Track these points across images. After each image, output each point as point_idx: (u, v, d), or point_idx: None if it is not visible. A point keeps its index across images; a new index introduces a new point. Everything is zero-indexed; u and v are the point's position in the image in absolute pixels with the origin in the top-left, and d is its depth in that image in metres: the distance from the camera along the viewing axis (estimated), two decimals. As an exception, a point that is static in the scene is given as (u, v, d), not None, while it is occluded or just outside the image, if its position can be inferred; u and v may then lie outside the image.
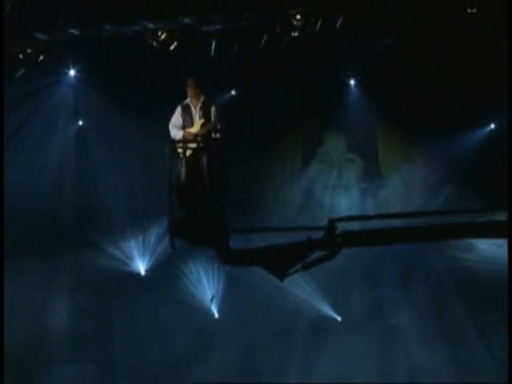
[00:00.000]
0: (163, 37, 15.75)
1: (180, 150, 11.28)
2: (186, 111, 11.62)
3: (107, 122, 17.79)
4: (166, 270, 18.00)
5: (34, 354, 16.97)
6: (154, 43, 15.82)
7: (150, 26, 14.31)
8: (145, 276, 18.20)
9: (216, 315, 17.86)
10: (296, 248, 10.05)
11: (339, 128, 17.44)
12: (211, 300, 16.85)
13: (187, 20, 13.89)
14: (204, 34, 14.29)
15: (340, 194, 17.83)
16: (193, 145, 11.29)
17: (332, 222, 9.88)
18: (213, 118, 11.51)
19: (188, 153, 11.22)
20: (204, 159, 11.20)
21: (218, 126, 11.29)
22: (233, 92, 17.37)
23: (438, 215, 11.24)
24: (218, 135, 11.32)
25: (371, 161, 17.61)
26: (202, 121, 11.48)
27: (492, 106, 16.61)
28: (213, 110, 11.61)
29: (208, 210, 10.91)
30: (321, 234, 10.20)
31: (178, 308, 17.85)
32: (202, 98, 11.64)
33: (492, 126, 17.34)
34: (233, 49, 14.58)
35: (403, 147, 17.39)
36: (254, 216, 16.85)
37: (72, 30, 14.27)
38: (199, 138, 11.27)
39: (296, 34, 15.14)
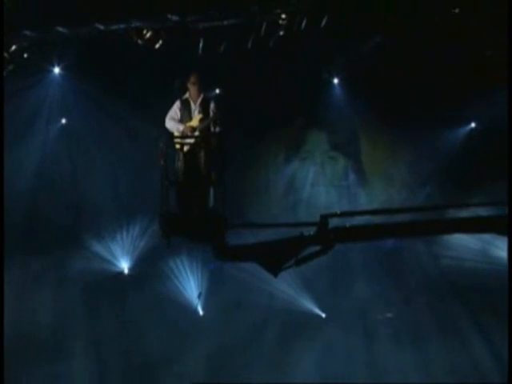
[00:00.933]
0: (148, 35, 15.72)
1: (178, 145, 11.34)
2: (185, 106, 11.71)
3: (91, 120, 17.76)
4: (149, 268, 18.02)
5: (18, 352, 16.88)
6: (140, 41, 15.78)
7: (137, 23, 14.19)
8: (128, 274, 18.15)
9: (201, 312, 17.88)
10: (289, 244, 10.15)
11: (323, 126, 17.54)
12: (198, 296, 16.89)
13: (175, 18, 13.83)
14: (191, 33, 14.25)
15: (322, 191, 17.94)
16: (191, 139, 11.33)
17: (324, 218, 9.97)
18: (211, 113, 11.59)
19: (186, 147, 11.25)
20: (202, 154, 11.23)
21: (218, 121, 11.35)
22: (217, 91, 17.39)
23: (428, 211, 11.35)
24: (217, 129, 11.34)
25: (354, 159, 17.73)
26: (201, 115, 11.57)
27: (473, 105, 16.84)
28: (212, 105, 11.72)
29: (205, 205, 10.91)
30: (313, 230, 10.27)
31: (162, 306, 17.83)
32: (202, 94, 11.71)
33: (472, 124, 17.53)
34: (220, 47, 14.56)
35: (386, 146, 17.52)
36: (237, 213, 16.90)
37: (59, 28, 14.11)
38: (197, 133, 11.34)
39: (282, 33, 15.14)
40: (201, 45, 14.54)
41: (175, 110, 11.77)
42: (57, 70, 16.89)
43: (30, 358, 17.07)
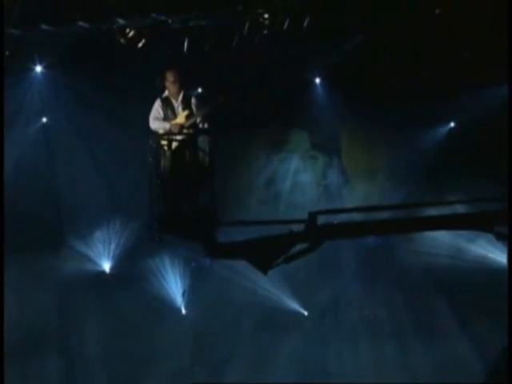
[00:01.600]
0: (131, 34, 15.73)
1: (165, 143, 11.26)
2: (167, 104, 11.68)
3: (73, 120, 17.71)
4: (130, 267, 18.01)
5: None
6: (122, 40, 15.78)
7: (122, 22, 14.21)
8: (109, 273, 18.14)
9: (183, 311, 17.92)
10: (279, 241, 10.22)
11: (304, 126, 17.63)
12: (182, 295, 16.93)
13: (160, 17, 13.87)
14: (176, 32, 14.30)
15: (301, 190, 18.06)
16: (180, 136, 11.29)
17: (313, 216, 10.07)
18: (194, 108, 11.56)
19: (174, 145, 11.21)
20: (190, 151, 11.21)
21: (206, 116, 11.37)
22: (199, 90, 17.42)
23: (414, 208, 11.50)
24: (205, 125, 11.32)
25: (335, 158, 17.86)
26: (187, 112, 11.51)
27: (452, 105, 17.05)
28: (193, 101, 11.71)
29: (195, 202, 10.96)
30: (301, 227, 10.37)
31: (144, 305, 17.84)
32: (182, 91, 11.67)
33: (452, 124, 17.75)
34: (205, 47, 14.61)
35: (366, 145, 17.68)
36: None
37: (43, 26, 14.09)
38: (185, 130, 11.31)
39: (265, 32, 15.23)
40: (186, 44, 14.50)
41: (157, 110, 11.73)
42: (39, 68, 16.78)
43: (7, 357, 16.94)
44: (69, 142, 18.05)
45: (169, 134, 11.34)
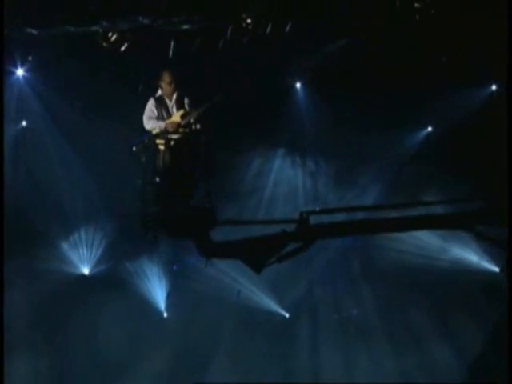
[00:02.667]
0: (114, 38, 15.78)
1: (161, 142, 11.30)
2: (161, 103, 11.72)
3: (53, 123, 17.70)
4: (111, 270, 18.08)
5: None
6: (105, 44, 15.82)
7: (107, 25, 14.27)
8: (90, 276, 18.16)
9: (165, 314, 17.99)
10: (272, 240, 10.33)
11: (287, 128, 17.78)
12: (167, 297, 16.96)
13: (145, 20, 13.96)
14: (162, 34, 14.40)
15: (282, 192, 18.23)
16: (175, 135, 11.33)
17: (306, 215, 10.21)
18: (188, 108, 11.67)
19: (170, 144, 11.26)
20: (186, 150, 11.27)
21: (200, 114, 11.41)
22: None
23: (403, 208, 11.69)
24: (198, 126, 11.42)
25: (314, 161, 18.07)
26: (182, 111, 11.58)
27: (432, 109, 17.33)
28: (186, 101, 11.77)
29: (191, 201, 11.00)
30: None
31: (125, 308, 17.84)
32: (177, 91, 11.75)
33: (429, 128, 18.05)
34: (191, 49, 14.71)
35: (344, 147, 17.83)
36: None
37: (29, 29, 14.12)
38: (181, 129, 11.36)
39: (247, 37, 15.36)
40: (171, 46, 14.59)
41: (151, 109, 11.74)
42: (20, 71, 16.65)
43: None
44: (50, 145, 18.01)
45: (164, 133, 11.34)
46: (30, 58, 16.36)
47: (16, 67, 16.57)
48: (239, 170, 17.92)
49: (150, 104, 11.81)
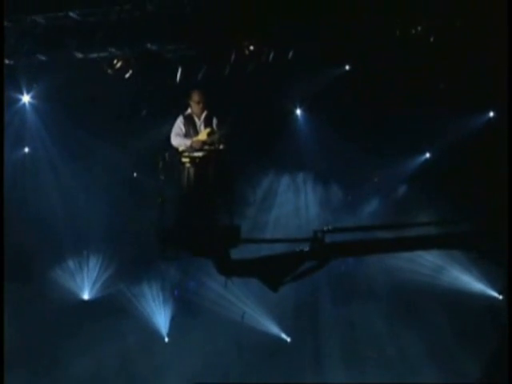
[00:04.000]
0: (119, 65, 16.02)
1: (186, 160, 11.45)
2: (189, 121, 11.88)
3: (56, 149, 17.84)
4: (112, 296, 18.13)
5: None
6: (110, 71, 16.04)
7: (115, 52, 14.51)
8: (90, 301, 18.21)
9: (166, 339, 18.05)
10: (288, 259, 10.43)
11: (290, 153, 18.01)
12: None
13: (153, 47, 14.22)
14: (169, 61, 14.65)
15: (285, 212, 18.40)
16: (200, 153, 11.49)
17: (317, 234, 10.34)
18: (215, 128, 11.82)
19: (194, 161, 11.37)
20: (211, 168, 11.41)
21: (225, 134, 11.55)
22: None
23: (416, 227, 11.87)
24: (221, 146, 11.59)
25: (320, 182, 18.32)
26: (209, 129, 11.75)
27: (430, 135, 17.60)
28: (215, 121, 11.92)
29: (212, 219, 11.09)
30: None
31: (127, 333, 17.96)
32: (206, 110, 11.92)
33: (427, 155, 18.32)
34: (198, 75, 14.93)
35: (347, 170, 18.06)
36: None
37: (39, 56, 14.36)
38: (207, 147, 11.52)
39: (251, 65, 15.62)
40: (179, 72, 14.82)
41: (179, 126, 11.87)
42: (26, 98, 16.81)
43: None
44: (50, 171, 18.12)
45: (190, 151, 11.52)
46: (35, 84, 16.46)
47: (21, 93, 16.71)
48: (246, 191, 18.06)
49: (179, 121, 11.96)
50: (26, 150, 18.29)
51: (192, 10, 14.05)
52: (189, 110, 12.01)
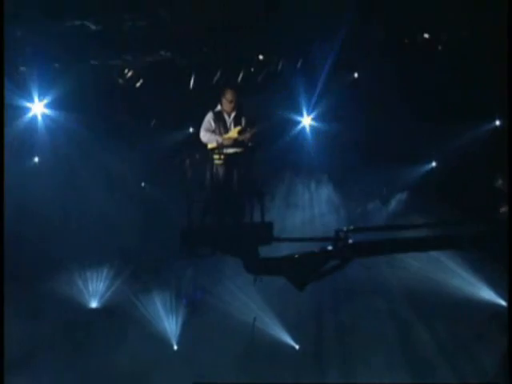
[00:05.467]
0: (130, 74, 16.21)
1: (217, 156, 11.45)
2: (219, 118, 11.83)
3: (66, 158, 17.93)
4: (121, 304, 18.22)
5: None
6: (120, 80, 16.23)
7: (129, 58, 14.69)
8: (98, 309, 18.27)
9: (175, 347, 18.12)
10: (313, 258, 10.50)
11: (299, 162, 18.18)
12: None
13: (167, 54, 14.41)
14: (182, 68, 14.83)
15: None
16: (230, 150, 11.53)
17: (340, 233, 10.47)
18: (245, 126, 11.84)
19: (225, 159, 11.39)
20: (241, 165, 11.43)
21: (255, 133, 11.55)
22: (191, 129, 17.90)
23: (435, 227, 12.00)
24: (251, 144, 11.63)
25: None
26: (239, 127, 11.76)
27: (438, 143, 17.77)
28: (244, 119, 11.92)
29: (243, 217, 11.11)
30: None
31: (136, 341, 18.00)
32: (236, 109, 11.92)
33: (434, 163, 18.50)
34: (212, 82, 15.09)
35: (355, 178, 18.23)
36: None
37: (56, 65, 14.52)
38: (237, 145, 11.52)
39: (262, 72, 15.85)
40: (192, 80, 14.99)
41: (209, 122, 11.83)
42: (36, 107, 16.67)
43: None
44: (61, 182, 18.22)
45: (220, 148, 11.54)
46: (48, 93, 16.55)
47: (33, 102, 16.61)
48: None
49: (209, 117, 11.91)
50: (36, 159, 18.29)
51: (204, 18, 14.23)
52: (219, 107, 11.98)
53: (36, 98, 16.56)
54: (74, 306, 18.13)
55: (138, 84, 16.36)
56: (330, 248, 10.50)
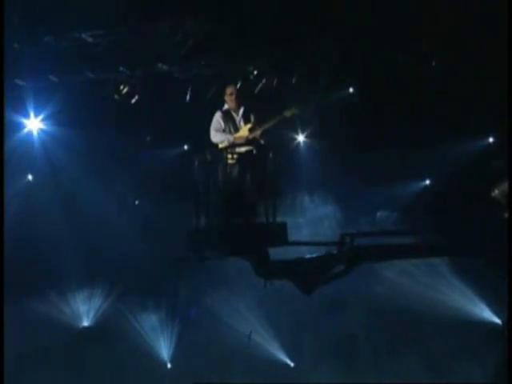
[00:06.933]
0: (125, 90, 16.26)
1: (229, 156, 11.25)
2: (228, 116, 11.71)
3: (59, 177, 17.91)
4: (112, 323, 18.10)
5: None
6: (116, 96, 16.27)
7: (126, 71, 14.74)
8: (90, 327, 18.13)
9: (168, 365, 18.00)
10: (320, 262, 10.43)
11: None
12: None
13: (164, 67, 14.47)
14: (178, 82, 14.89)
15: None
16: (243, 149, 11.36)
17: (345, 237, 10.41)
18: (256, 122, 11.70)
19: (234, 158, 11.20)
20: (254, 163, 11.23)
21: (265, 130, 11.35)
22: (185, 147, 17.94)
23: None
24: (263, 141, 11.44)
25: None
26: (250, 125, 11.60)
27: (428, 163, 17.83)
28: (252, 116, 11.78)
29: (255, 218, 10.87)
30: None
31: (130, 358, 17.86)
32: (243, 106, 11.79)
33: (427, 181, 18.53)
34: (207, 96, 15.14)
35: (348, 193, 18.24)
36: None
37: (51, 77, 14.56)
38: (249, 143, 11.35)
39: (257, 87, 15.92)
40: (189, 92, 15.04)
41: (218, 121, 11.68)
42: (32, 123, 16.64)
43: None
44: (53, 198, 18.17)
45: (232, 147, 11.35)
46: (44, 108, 16.56)
47: (28, 118, 16.58)
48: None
49: (218, 116, 11.78)
50: (30, 177, 18.24)
51: (201, 32, 14.32)
52: (226, 106, 11.87)
53: (32, 114, 16.58)
54: (65, 326, 17.91)
55: (133, 100, 16.35)
56: (336, 252, 10.32)
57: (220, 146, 11.62)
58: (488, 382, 15.79)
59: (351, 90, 16.75)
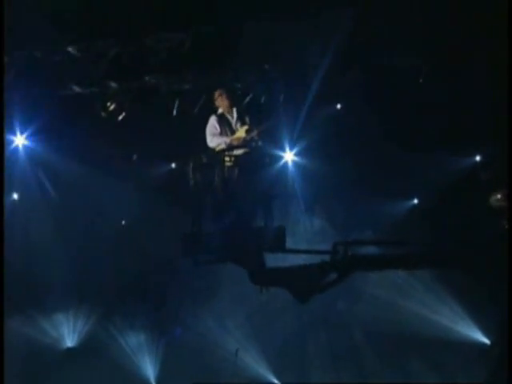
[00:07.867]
0: (112, 107, 16.18)
1: (227, 159, 11.18)
2: (223, 119, 11.68)
3: (46, 195, 17.80)
4: (97, 344, 17.89)
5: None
6: (103, 113, 16.19)
7: (113, 85, 14.69)
8: (74, 348, 17.96)
9: (154, 384, 17.87)
10: (316, 270, 10.33)
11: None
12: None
13: (152, 80, 14.41)
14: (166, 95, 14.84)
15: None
16: (240, 151, 11.29)
17: (338, 246, 10.31)
18: (251, 124, 11.74)
19: (231, 161, 11.16)
20: (252, 165, 11.27)
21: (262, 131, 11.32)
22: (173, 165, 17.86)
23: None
24: (260, 143, 11.38)
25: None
26: (246, 126, 11.55)
27: (416, 182, 17.78)
28: (247, 118, 11.79)
29: (251, 221, 10.85)
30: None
31: (115, 378, 17.64)
32: (235, 107, 11.77)
33: (415, 201, 18.47)
34: (194, 110, 15.07)
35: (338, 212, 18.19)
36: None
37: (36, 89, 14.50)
38: (247, 145, 11.35)
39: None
40: (176, 106, 14.99)
41: (214, 126, 11.67)
42: (19, 139, 16.47)
43: None
44: (40, 219, 18.05)
45: (230, 149, 11.29)
46: (29, 124, 16.46)
47: (15, 135, 16.43)
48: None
49: (213, 120, 11.74)
50: (16, 196, 18.09)
51: (190, 45, 14.27)
52: (220, 110, 11.84)
53: (17, 131, 16.44)
54: (48, 346, 17.67)
55: (120, 117, 16.27)
56: (329, 261, 10.21)
57: (217, 149, 11.54)
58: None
59: (338, 106, 16.62)
